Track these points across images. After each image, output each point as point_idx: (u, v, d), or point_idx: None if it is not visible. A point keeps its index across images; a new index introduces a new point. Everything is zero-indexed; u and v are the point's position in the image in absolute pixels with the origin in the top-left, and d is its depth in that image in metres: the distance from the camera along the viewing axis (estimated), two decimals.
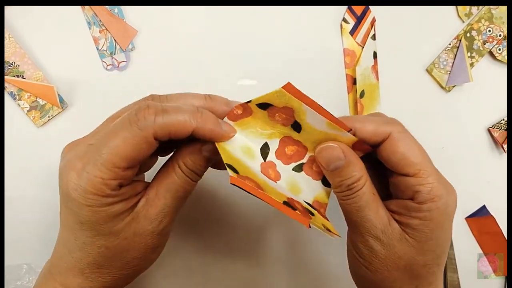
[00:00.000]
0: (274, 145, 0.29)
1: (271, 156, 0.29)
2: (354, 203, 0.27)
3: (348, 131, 0.27)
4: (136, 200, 0.27)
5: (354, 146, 0.28)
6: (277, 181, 0.29)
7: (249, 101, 0.26)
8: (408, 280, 0.28)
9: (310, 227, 0.25)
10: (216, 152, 0.26)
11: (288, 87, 0.25)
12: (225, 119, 0.27)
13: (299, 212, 0.25)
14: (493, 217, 0.46)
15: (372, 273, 0.28)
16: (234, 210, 0.41)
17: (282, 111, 0.27)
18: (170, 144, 0.27)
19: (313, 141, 0.28)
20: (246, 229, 0.41)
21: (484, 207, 0.46)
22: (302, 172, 0.30)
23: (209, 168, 0.36)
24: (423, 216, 0.27)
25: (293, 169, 0.30)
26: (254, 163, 0.28)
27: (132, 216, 0.26)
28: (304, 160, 0.29)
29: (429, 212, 0.27)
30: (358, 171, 0.27)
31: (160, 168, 0.28)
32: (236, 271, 0.41)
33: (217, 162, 0.30)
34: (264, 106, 0.26)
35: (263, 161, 0.29)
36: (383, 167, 0.29)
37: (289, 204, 0.26)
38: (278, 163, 0.29)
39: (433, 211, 0.27)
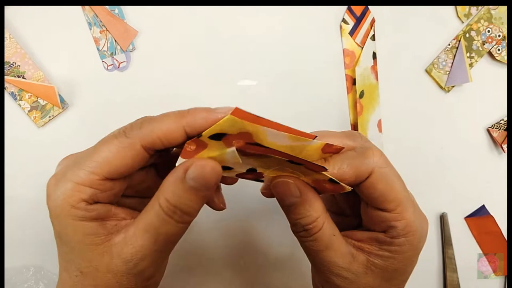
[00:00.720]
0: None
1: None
2: (312, 246, 0.26)
3: (313, 139, 0.24)
4: (112, 228, 0.24)
5: (324, 150, 0.26)
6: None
7: (200, 135, 0.23)
8: None
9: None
10: (209, 184, 0.22)
11: (238, 113, 0.22)
12: (180, 159, 0.23)
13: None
14: (493, 217, 0.46)
15: None
16: (234, 209, 0.41)
17: (239, 137, 0.23)
18: None
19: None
20: (246, 229, 0.41)
21: (483, 207, 0.46)
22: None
23: None
24: (394, 250, 0.26)
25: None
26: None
27: (105, 249, 0.23)
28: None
29: (400, 247, 0.26)
30: (315, 211, 0.25)
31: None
32: (236, 271, 0.41)
33: (212, 199, 0.28)
34: (218, 136, 0.23)
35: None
36: (354, 195, 0.27)
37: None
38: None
39: (404, 246, 0.26)
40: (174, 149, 0.27)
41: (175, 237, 0.24)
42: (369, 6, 0.41)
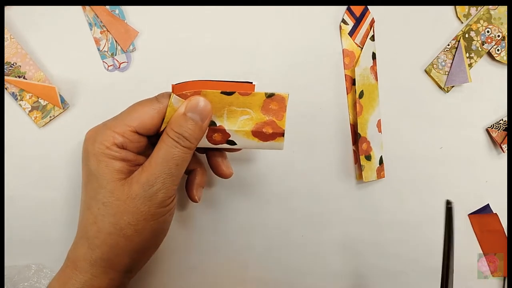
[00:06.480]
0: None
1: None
2: None
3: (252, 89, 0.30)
4: (134, 169, 0.29)
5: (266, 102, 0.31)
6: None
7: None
8: None
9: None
10: (202, 114, 0.29)
11: (177, 89, 0.29)
12: (174, 96, 0.29)
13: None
14: (497, 215, 0.46)
15: None
16: (235, 210, 0.41)
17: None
18: None
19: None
20: (246, 229, 0.41)
21: (488, 205, 0.46)
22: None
23: (211, 171, 0.36)
24: None
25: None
26: None
27: (127, 182, 0.29)
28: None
29: None
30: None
31: None
32: (237, 271, 0.41)
33: (219, 166, 0.35)
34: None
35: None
36: None
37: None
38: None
39: None
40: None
41: (181, 161, 0.29)
42: (368, 7, 0.41)
